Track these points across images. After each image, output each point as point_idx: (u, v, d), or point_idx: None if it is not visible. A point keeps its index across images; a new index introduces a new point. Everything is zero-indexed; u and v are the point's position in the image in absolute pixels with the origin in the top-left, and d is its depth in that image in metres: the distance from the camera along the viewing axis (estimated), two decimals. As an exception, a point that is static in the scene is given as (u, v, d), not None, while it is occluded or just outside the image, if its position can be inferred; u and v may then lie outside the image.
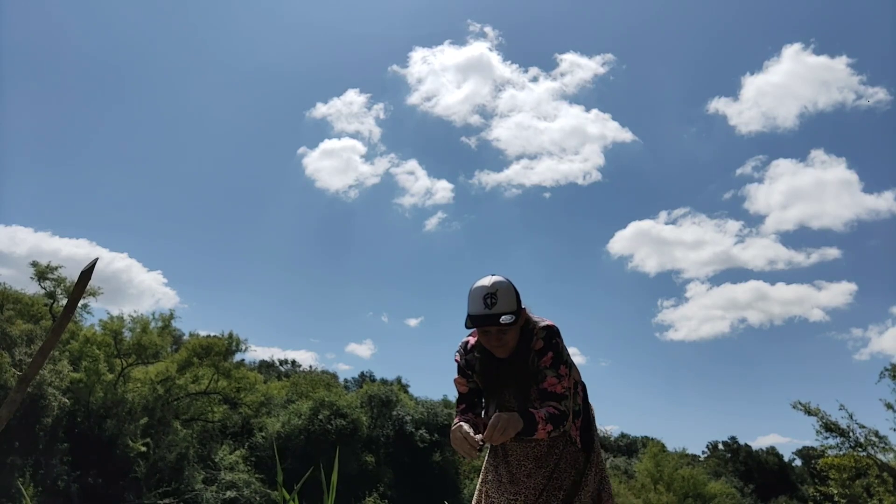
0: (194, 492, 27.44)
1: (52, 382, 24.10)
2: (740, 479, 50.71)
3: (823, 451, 18.86)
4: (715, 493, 33.29)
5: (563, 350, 2.35)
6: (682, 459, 36.68)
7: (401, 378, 49.95)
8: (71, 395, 25.76)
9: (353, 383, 56.69)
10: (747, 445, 58.68)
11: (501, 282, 2.29)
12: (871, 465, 17.40)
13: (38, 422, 23.70)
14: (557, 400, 2.26)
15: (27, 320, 26.43)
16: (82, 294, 2.33)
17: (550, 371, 2.29)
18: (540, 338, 2.32)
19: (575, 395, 2.47)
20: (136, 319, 30.54)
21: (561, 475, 2.40)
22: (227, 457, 30.60)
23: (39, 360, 2.19)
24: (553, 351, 2.31)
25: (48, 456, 24.32)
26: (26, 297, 28.58)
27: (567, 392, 2.32)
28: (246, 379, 33.31)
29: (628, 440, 63.71)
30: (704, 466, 45.42)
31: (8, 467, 22.44)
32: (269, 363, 62.50)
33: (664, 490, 32.29)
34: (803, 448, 55.78)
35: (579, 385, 2.52)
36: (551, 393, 2.27)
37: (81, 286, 2.21)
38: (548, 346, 2.32)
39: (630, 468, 44.64)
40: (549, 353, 2.31)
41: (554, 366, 2.30)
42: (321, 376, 48.93)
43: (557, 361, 2.31)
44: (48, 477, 23.83)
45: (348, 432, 33.70)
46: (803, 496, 44.49)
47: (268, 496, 28.74)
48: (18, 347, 23.91)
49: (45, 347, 2.19)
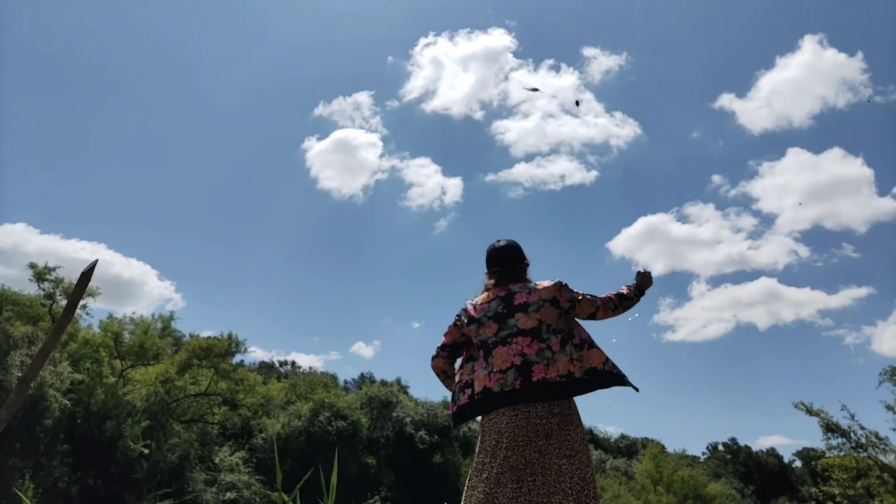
0: (194, 493, 27.42)
1: (52, 384, 24.06)
2: (740, 481, 50.68)
3: (824, 452, 18.84)
4: (715, 495, 33.25)
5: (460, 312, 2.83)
6: (681, 461, 36.64)
7: (400, 379, 49.95)
8: (72, 396, 25.72)
9: (353, 384, 56.67)
10: (747, 447, 58.74)
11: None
12: (871, 466, 17.39)
13: (38, 423, 23.66)
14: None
15: (26, 322, 26.35)
16: (82, 295, 2.33)
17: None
18: None
19: (476, 348, 2.75)
20: (137, 321, 30.53)
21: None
22: (227, 458, 30.58)
23: (39, 361, 2.19)
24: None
25: (48, 458, 24.29)
26: (25, 297, 28.45)
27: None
28: (245, 380, 33.29)
29: (628, 441, 63.65)
30: (704, 468, 45.38)
31: (8, 469, 22.41)
32: (269, 364, 62.52)
33: (664, 491, 32.27)
34: (803, 449, 55.81)
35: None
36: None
37: (81, 287, 2.20)
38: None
39: (630, 469, 44.61)
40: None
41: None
42: (320, 377, 48.94)
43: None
44: (48, 479, 23.80)
45: (348, 434, 33.68)
46: (803, 497, 44.45)
47: (268, 498, 28.71)
48: (20, 349, 23.86)
49: (45, 349, 2.19)
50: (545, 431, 2.41)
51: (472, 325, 2.71)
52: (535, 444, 2.40)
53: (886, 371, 18.24)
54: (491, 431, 2.47)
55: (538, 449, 2.39)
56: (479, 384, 2.55)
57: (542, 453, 2.39)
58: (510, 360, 2.51)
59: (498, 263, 2.85)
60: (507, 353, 2.53)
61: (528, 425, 2.42)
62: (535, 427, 2.41)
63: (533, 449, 2.39)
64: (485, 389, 2.52)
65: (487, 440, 2.47)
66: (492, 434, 2.47)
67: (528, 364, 2.48)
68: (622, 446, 62.09)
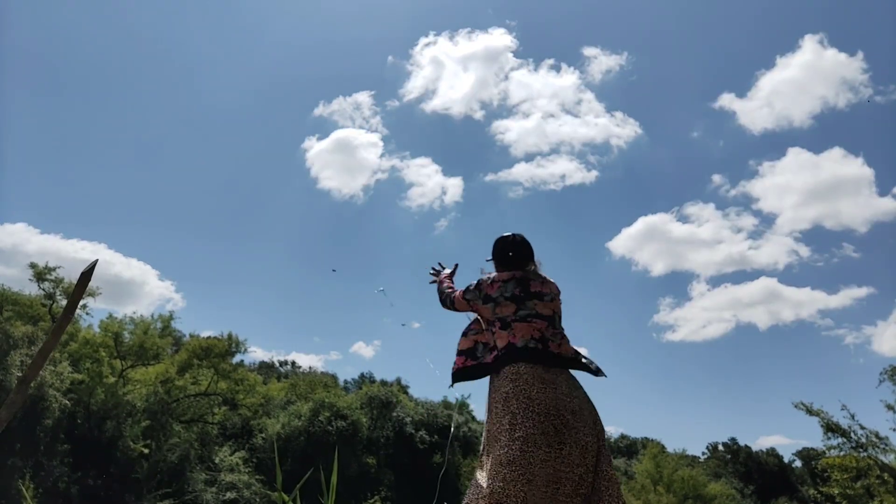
0: (194, 493, 27.41)
1: (52, 384, 24.06)
2: (740, 481, 50.66)
3: (824, 452, 18.82)
4: (715, 495, 33.20)
5: (472, 285, 2.93)
6: (681, 460, 36.59)
7: (400, 379, 49.94)
8: (72, 396, 25.71)
9: (353, 384, 56.62)
10: (747, 447, 58.67)
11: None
12: (871, 466, 17.37)
13: (38, 423, 23.66)
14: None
15: (26, 322, 26.33)
16: (82, 295, 2.33)
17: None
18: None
19: (490, 323, 2.83)
20: (137, 321, 30.52)
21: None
22: (227, 458, 30.57)
23: (39, 361, 2.19)
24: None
25: (48, 458, 24.29)
26: (25, 297, 28.45)
27: (455, 298, 3.03)
28: (245, 380, 33.29)
29: (628, 441, 63.62)
30: (704, 468, 45.36)
31: (8, 469, 22.40)
32: (269, 364, 62.49)
33: (664, 491, 32.23)
34: (803, 449, 55.80)
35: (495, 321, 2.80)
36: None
37: (81, 287, 2.20)
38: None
39: (630, 469, 44.58)
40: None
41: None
42: (320, 377, 48.93)
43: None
44: (49, 478, 23.79)
45: (349, 434, 33.68)
46: (803, 497, 44.45)
47: (268, 498, 28.70)
48: (20, 349, 23.85)
49: (45, 349, 2.19)
50: (571, 408, 2.54)
51: (488, 303, 2.83)
52: (564, 417, 2.50)
53: (886, 371, 18.22)
54: (519, 397, 2.54)
55: (566, 422, 2.50)
56: (501, 341, 2.70)
57: (570, 427, 2.50)
58: (530, 333, 2.69)
59: (519, 255, 3.02)
60: (528, 328, 2.70)
61: (557, 399, 2.54)
62: (563, 400, 2.54)
63: (561, 421, 2.50)
64: (508, 344, 2.67)
65: (515, 404, 2.54)
66: (521, 398, 2.54)
67: (545, 339, 2.69)
68: (622, 446, 62.05)
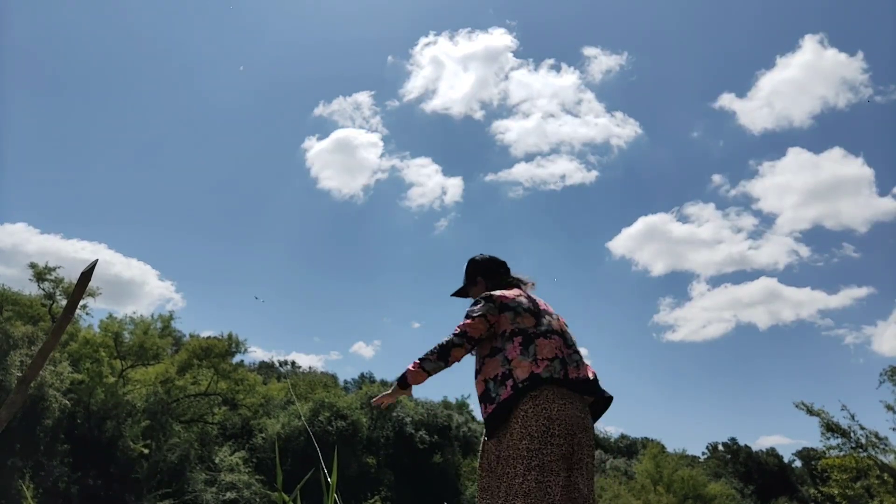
0: (194, 493, 27.41)
1: (52, 384, 24.06)
2: (740, 481, 50.67)
3: (824, 452, 18.81)
4: (715, 495, 33.23)
5: (479, 300, 2.72)
6: (681, 460, 36.62)
7: (400, 379, 49.84)
8: (72, 396, 25.71)
9: (353, 384, 56.62)
10: (747, 446, 58.66)
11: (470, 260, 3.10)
12: (871, 467, 17.36)
13: (38, 423, 23.66)
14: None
15: (26, 322, 26.33)
16: (82, 295, 2.32)
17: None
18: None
19: (505, 338, 2.61)
20: (137, 321, 30.51)
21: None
22: (227, 458, 30.56)
23: (39, 361, 2.19)
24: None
25: (48, 458, 24.29)
26: (25, 298, 28.44)
27: (460, 327, 2.63)
28: (245, 380, 33.29)
29: (628, 441, 63.60)
30: (704, 468, 45.37)
31: (8, 469, 22.40)
32: (269, 364, 62.45)
33: (664, 491, 32.25)
34: (803, 449, 55.78)
35: (516, 332, 2.63)
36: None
37: (81, 287, 2.20)
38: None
39: (630, 469, 44.58)
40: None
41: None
42: (320, 377, 48.95)
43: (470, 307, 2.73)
44: (48, 479, 23.79)
45: (349, 434, 33.69)
46: (803, 497, 44.47)
47: (268, 498, 28.71)
48: (20, 349, 23.85)
49: (45, 349, 2.19)
50: (583, 425, 2.50)
51: (506, 311, 2.66)
52: (577, 437, 2.46)
53: (887, 371, 18.21)
54: (538, 417, 2.42)
55: (578, 441, 2.46)
56: (522, 372, 2.50)
57: (581, 445, 2.46)
58: (554, 351, 2.57)
59: (508, 271, 3.05)
60: (551, 345, 2.58)
61: (574, 416, 2.47)
62: (578, 419, 2.49)
63: (575, 441, 2.45)
64: (531, 374, 2.49)
65: (534, 426, 2.42)
66: (540, 420, 2.42)
67: (565, 362, 2.58)
68: (622, 446, 62.03)
